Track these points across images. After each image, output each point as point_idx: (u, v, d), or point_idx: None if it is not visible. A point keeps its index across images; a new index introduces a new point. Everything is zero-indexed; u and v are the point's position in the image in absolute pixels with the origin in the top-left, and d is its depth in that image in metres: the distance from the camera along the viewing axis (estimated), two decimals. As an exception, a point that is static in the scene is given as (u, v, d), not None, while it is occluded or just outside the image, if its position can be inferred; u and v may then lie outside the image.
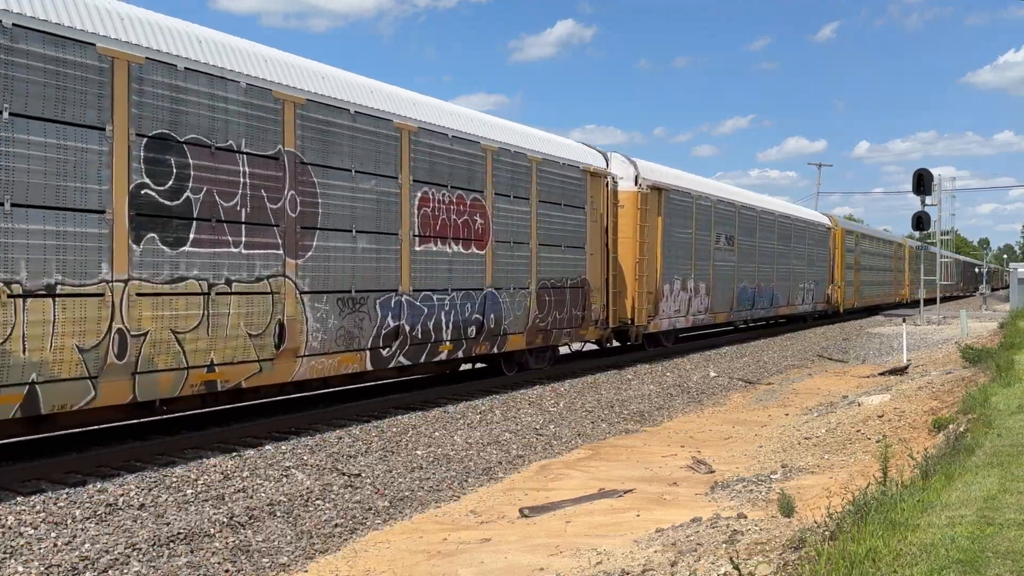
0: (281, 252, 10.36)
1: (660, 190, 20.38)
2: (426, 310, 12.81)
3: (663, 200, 20.57)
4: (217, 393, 10.08)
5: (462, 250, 13.59)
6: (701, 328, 25.63)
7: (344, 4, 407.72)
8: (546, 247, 15.99)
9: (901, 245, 54.45)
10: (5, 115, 7.59)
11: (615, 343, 20.51)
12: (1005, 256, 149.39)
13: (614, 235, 18.50)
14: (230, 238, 9.74)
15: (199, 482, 8.35)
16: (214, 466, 8.82)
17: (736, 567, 5.00)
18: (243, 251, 9.90)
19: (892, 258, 50.99)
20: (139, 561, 6.64)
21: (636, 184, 19.35)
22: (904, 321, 26.85)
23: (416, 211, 12.65)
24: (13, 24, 7.70)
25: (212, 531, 7.34)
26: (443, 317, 13.16)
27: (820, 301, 34.67)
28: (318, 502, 8.39)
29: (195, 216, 9.33)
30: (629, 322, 19.17)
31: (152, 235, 8.87)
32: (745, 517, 7.23)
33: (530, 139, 15.96)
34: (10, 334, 7.51)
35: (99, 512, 7.35)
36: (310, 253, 10.79)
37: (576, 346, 19.54)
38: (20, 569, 6.26)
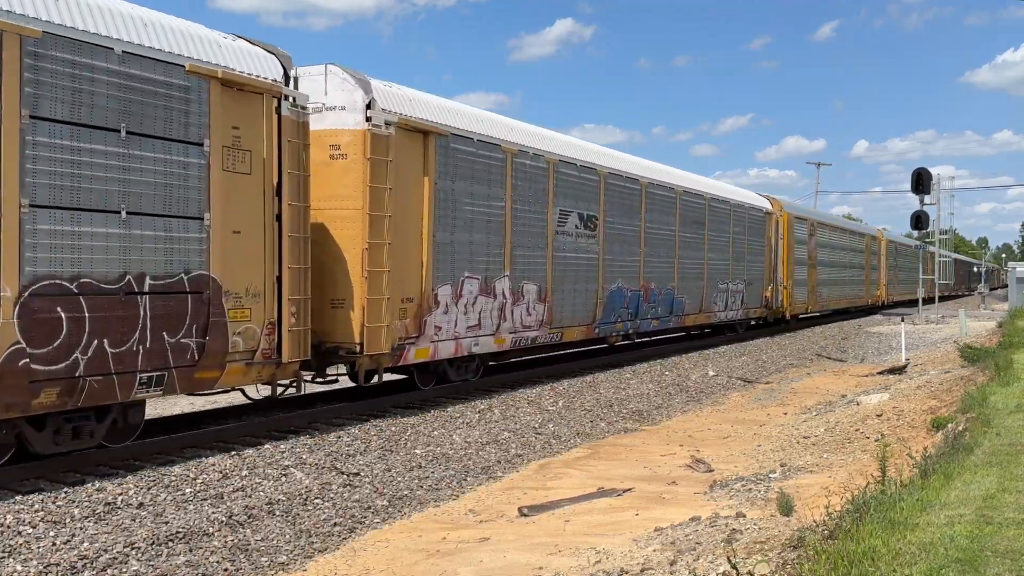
0: None
1: (426, 133, 12.53)
2: None
3: (432, 149, 12.62)
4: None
5: None
6: (535, 350, 16.79)
7: (343, 3, 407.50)
8: (64, 212, 8.04)
9: (875, 238, 46.50)
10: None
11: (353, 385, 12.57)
12: (1004, 256, 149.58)
13: (304, 201, 10.54)
14: None
15: (198, 481, 8.34)
16: (213, 465, 8.81)
17: (735, 566, 5.00)
18: None
19: (864, 252, 42.63)
20: (138, 560, 6.64)
21: (366, 118, 11.55)
22: (903, 320, 26.86)
23: None
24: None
25: (211, 530, 7.34)
26: None
27: (756, 306, 27.22)
28: (317, 501, 8.39)
29: None
30: (355, 350, 11.51)
31: None
32: (744, 516, 7.23)
33: None
34: None
35: (98, 511, 7.35)
36: None
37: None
38: (19, 568, 6.26)
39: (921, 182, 34.39)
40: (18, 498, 7.44)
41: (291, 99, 10.46)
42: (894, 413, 12.61)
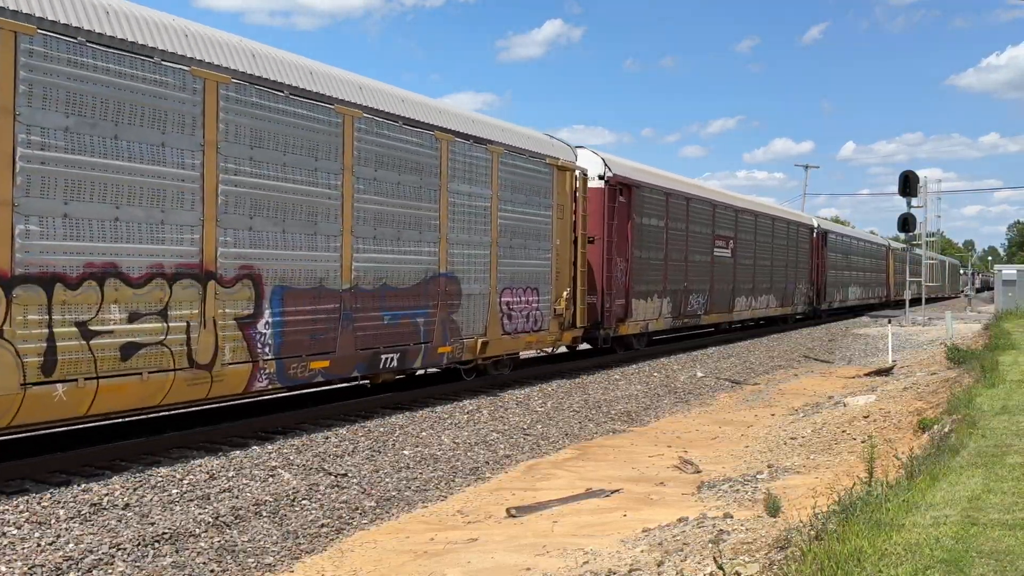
0: None
1: None
2: None
3: None
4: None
5: None
6: None
7: (330, 2, 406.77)
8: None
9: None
10: None
11: None
12: (990, 258, 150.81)
13: None
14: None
15: (184, 482, 8.30)
16: (200, 465, 8.78)
17: (721, 567, 5.02)
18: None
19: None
20: (124, 561, 6.60)
21: None
22: (890, 322, 26.99)
23: None
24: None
25: (197, 531, 7.31)
26: None
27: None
28: (304, 502, 8.36)
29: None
30: None
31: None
32: (731, 517, 7.25)
33: None
34: None
35: (83, 512, 7.30)
36: None
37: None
38: (3, 569, 6.21)
39: (908, 185, 34.55)
40: (3, 498, 7.39)
41: None
42: (881, 414, 12.67)
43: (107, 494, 7.71)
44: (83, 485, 7.87)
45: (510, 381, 15.38)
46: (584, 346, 18.96)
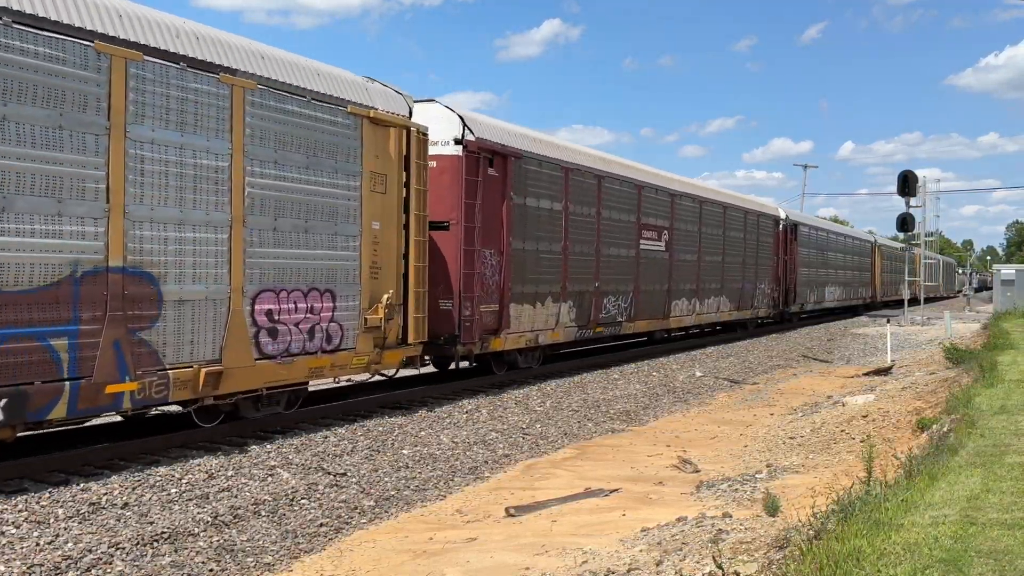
0: None
1: None
2: None
3: None
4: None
5: None
6: None
7: (329, 1, 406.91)
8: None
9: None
10: None
11: None
12: (988, 258, 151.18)
13: None
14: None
15: (183, 481, 8.30)
16: (198, 465, 8.77)
17: (720, 566, 5.02)
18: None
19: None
20: (122, 560, 6.60)
21: None
22: (888, 322, 27.01)
23: None
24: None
25: (196, 530, 7.31)
26: None
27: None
28: (303, 501, 8.36)
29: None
30: None
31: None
32: (730, 516, 7.26)
33: None
34: None
35: (82, 511, 7.30)
36: None
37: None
38: (2, 568, 6.21)
39: (907, 185, 34.62)
40: (1, 498, 7.39)
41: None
42: (879, 414, 12.68)
43: (106, 493, 7.71)
44: (82, 484, 7.87)
45: (508, 381, 15.36)
46: (462, 365, 15.10)
